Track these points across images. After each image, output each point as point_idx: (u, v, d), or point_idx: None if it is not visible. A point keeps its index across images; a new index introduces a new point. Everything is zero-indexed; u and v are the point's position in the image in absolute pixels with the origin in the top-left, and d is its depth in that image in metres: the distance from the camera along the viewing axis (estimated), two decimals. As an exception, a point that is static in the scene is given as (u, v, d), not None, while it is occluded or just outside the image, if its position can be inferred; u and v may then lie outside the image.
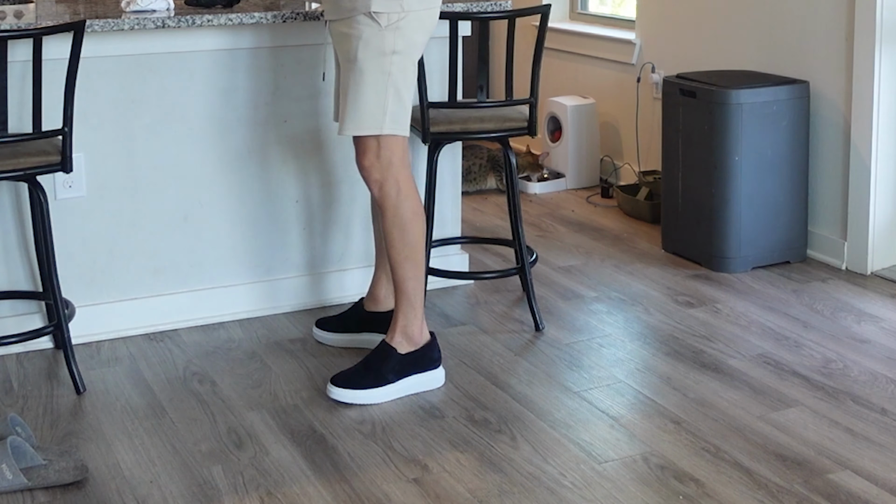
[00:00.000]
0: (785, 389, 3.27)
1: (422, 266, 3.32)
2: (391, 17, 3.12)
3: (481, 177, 5.44)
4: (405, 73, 3.19)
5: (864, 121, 4.16)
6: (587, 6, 6.05)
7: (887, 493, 2.70)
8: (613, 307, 3.95)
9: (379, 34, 3.12)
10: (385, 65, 3.15)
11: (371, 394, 3.21)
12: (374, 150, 3.22)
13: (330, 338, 3.62)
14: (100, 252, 3.66)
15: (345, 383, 3.23)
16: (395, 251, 3.27)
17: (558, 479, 2.78)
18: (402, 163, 3.25)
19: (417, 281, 3.30)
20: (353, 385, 3.22)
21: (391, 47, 3.14)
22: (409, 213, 3.25)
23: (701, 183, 4.32)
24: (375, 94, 3.16)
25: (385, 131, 3.19)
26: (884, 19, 4.06)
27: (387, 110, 3.17)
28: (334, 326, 3.63)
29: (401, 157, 3.25)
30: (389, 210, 3.25)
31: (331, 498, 2.72)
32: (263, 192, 3.84)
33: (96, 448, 2.98)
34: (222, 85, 3.73)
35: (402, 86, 3.19)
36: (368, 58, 3.14)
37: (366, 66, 3.14)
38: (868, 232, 4.20)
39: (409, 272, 3.28)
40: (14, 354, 3.55)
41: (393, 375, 3.24)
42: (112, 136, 3.63)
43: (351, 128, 3.20)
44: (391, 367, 3.25)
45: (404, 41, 3.16)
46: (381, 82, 3.16)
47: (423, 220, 3.31)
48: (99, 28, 3.38)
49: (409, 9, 3.13)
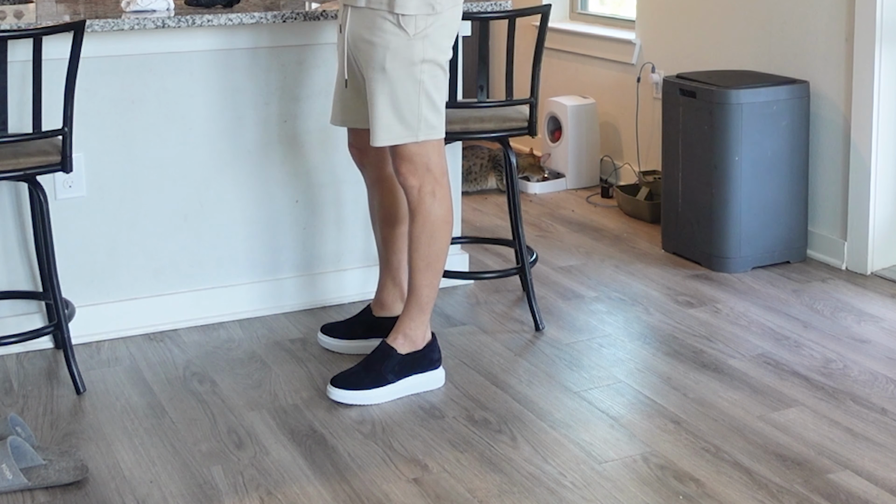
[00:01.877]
0: (785, 389, 3.27)
1: (440, 275, 3.28)
2: (419, 24, 3.06)
3: (482, 177, 5.44)
4: (436, 79, 3.15)
5: (864, 121, 4.16)
6: (587, 6, 6.05)
7: (887, 493, 2.70)
8: (613, 307, 3.95)
9: (408, 44, 3.07)
10: (416, 73, 3.10)
11: (371, 394, 3.21)
12: (409, 157, 3.17)
13: (337, 344, 3.56)
14: (100, 252, 3.66)
15: (345, 384, 3.22)
16: (418, 256, 3.22)
17: (558, 479, 2.78)
18: (439, 167, 3.20)
19: (432, 289, 3.27)
20: (353, 386, 3.21)
21: (420, 56, 3.09)
22: (441, 221, 3.21)
23: (701, 183, 4.32)
24: (408, 103, 3.11)
25: (420, 138, 3.15)
26: (884, 19, 4.06)
27: (421, 117, 3.13)
28: (342, 332, 3.57)
29: (437, 161, 3.20)
30: (421, 215, 3.20)
31: (331, 498, 2.72)
32: (263, 192, 3.84)
33: (96, 448, 2.98)
34: (222, 85, 3.73)
35: (434, 91, 3.15)
36: (398, 67, 3.09)
37: (395, 75, 3.09)
38: (868, 232, 4.20)
39: (427, 279, 3.25)
40: (14, 354, 3.55)
41: (393, 376, 3.23)
42: (112, 136, 3.63)
43: (385, 138, 3.14)
44: (391, 368, 3.24)
45: (434, 48, 3.11)
46: (412, 91, 3.11)
47: (452, 228, 3.27)
48: (99, 28, 3.38)
49: (441, 10, 3.09)
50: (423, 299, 3.26)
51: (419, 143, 3.16)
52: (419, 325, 3.27)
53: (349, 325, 3.58)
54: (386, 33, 3.07)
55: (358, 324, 3.56)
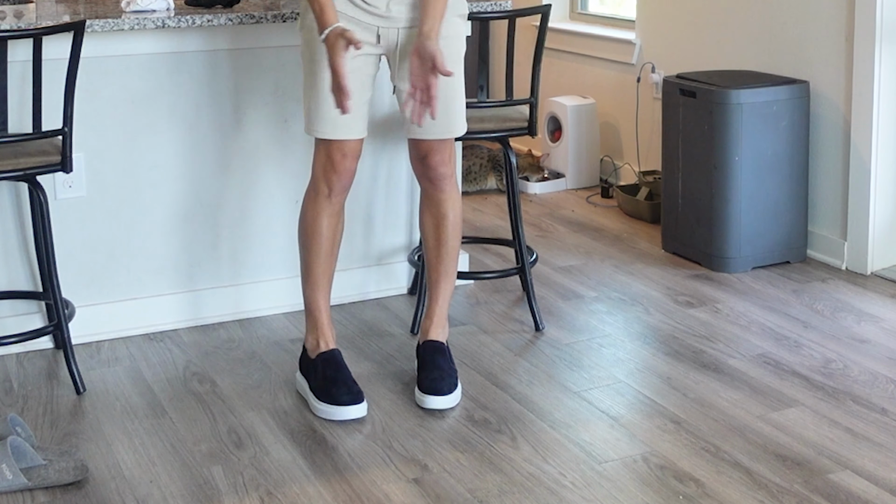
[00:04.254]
0: (785, 389, 3.27)
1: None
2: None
3: (482, 177, 5.44)
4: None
5: (864, 121, 4.16)
6: (587, 6, 6.05)
7: (887, 493, 2.70)
8: (613, 307, 3.95)
9: (465, 30, 3.20)
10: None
11: (459, 390, 3.24)
12: (452, 149, 3.23)
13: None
14: (100, 252, 3.66)
15: (440, 390, 3.18)
16: (456, 244, 3.28)
17: (558, 479, 2.78)
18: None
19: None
20: (449, 389, 3.19)
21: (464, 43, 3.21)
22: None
23: (701, 183, 4.32)
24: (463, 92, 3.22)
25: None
26: (884, 19, 4.06)
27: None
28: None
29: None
30: (459, 202, 3.27)
31: (331, 498, 2.72)
32: (263, 192, 3.84)
33: (96, 448, 2.98)
34: (222, 85, 3.73)
35: None
36: (462, 57, 3.18)
37: (461, 66, 3.16)
38: (868, 232, 4.20)
39: (456, 264, 3.33)
40: (14, 354, 3.55)
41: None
42: (112, 136, 3.63)
43: (462, 127, 3.21)
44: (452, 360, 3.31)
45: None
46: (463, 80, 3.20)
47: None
48: (99, 28, 3.38)
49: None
50: (453, 284, 3.36)
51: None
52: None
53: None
54: (457, 26, 3.15)
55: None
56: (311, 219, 3.18)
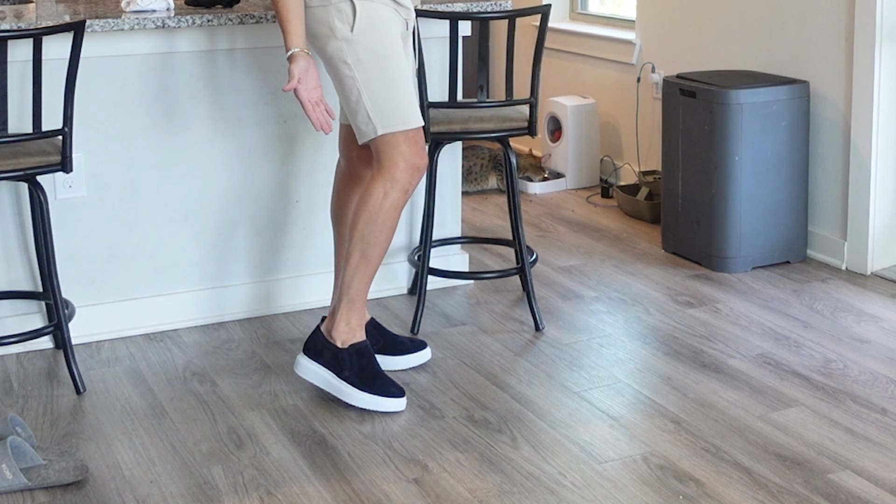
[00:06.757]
0: (785, 389, 3.27)
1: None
2: None
3: (482, 177, 5.44)
4: None
5: (864, 121, 4.16)
6: (587, 6, 6.05)
7: (887, 493, 2.70)
8: (613, 307, 3.95)
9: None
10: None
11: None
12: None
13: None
14: (100, 252, 3.66)
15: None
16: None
17: (558, 479, 2.78)
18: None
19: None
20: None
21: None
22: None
23: (701, 183, 4.32)
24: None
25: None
26: (884, 19, 4.06)
27: None
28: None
29: None
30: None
31: (331, 498, 2.72)
32: (263, 192, 3.84)
33: (96, 448, 2.98)
34: (222, 85, 3.73)
35: None
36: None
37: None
38: (868, 232, 4.20)
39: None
40: (14, 354, 3.55)
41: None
42: (112, 136, 3.63)
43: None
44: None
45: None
46: None
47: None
48: (99, 28, 3.38)
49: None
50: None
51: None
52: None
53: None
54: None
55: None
56: (390, 215, 3.13)
